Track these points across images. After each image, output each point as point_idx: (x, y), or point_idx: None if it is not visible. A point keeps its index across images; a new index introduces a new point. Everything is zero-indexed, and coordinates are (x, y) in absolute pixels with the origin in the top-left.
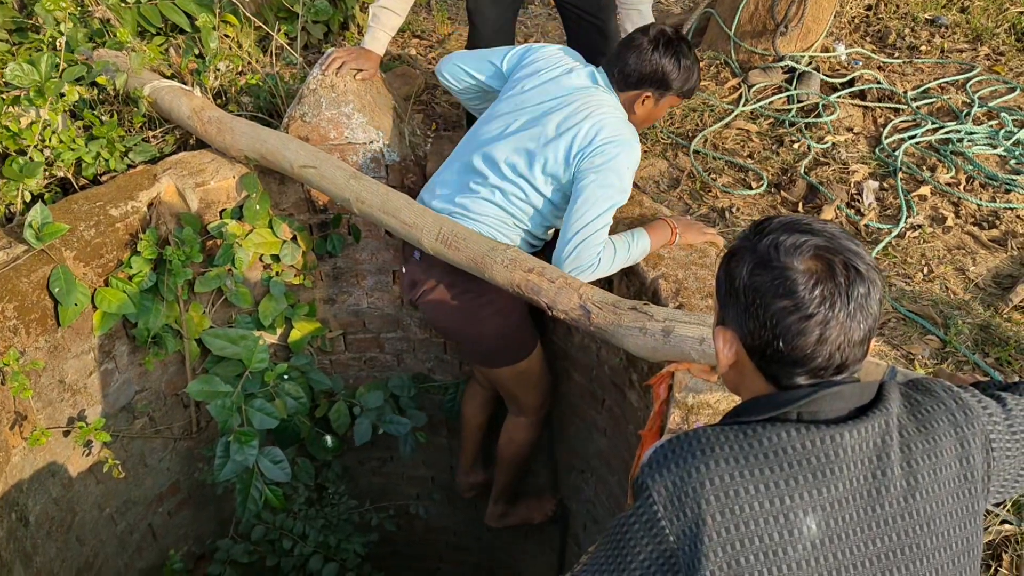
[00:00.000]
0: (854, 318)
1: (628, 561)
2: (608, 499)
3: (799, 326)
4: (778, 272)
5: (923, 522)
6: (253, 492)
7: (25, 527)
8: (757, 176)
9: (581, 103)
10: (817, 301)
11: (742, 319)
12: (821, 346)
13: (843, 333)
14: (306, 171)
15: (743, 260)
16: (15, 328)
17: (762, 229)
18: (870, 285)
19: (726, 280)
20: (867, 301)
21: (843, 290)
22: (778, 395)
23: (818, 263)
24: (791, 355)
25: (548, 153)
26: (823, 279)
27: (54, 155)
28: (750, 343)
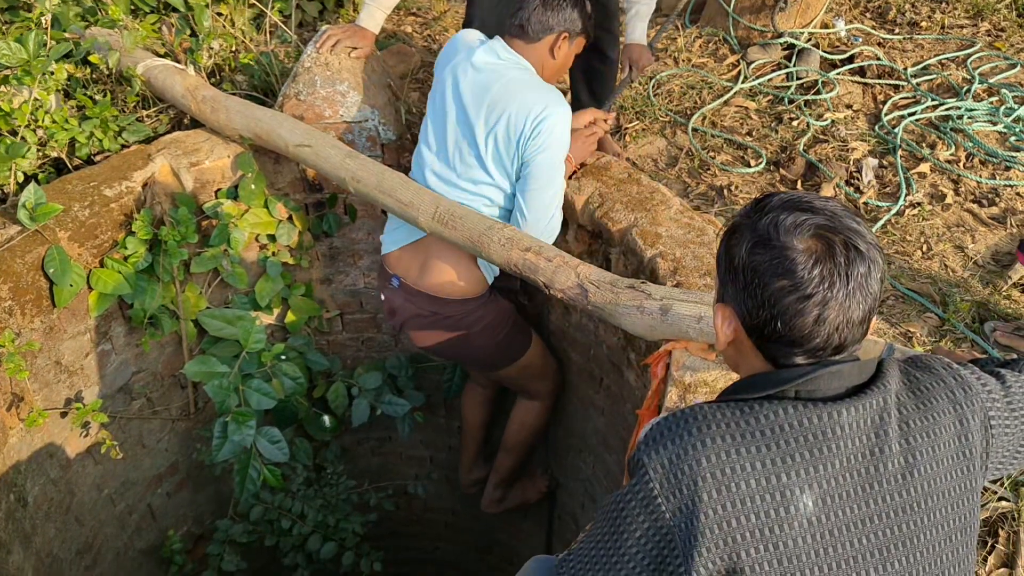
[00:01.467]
0: (853, 298)
1: (624, 538)
2: (606, 478)
3: (797, 306)
4: (777, 251)
5: (920, 499)
6: (251, 472)
7: (24, 508)
8: (756, 154)
9: (496, 91)
10: (816, 281)
11: (741, 297)
12: (819, 326)
13: (842, 313)
14: (301, 150)
15: (743, 238)
16: (10, 309)
17: (763, 207)
18: (871, 264)
19: (726, 257)
20: (867, 281)
21: (842, 270)
22: (776, 373)
23: (818, 242)
24: (789, 335)
25: (490, 156)
26: (822, 259)
27: (47, 135)
28: (748, 322)
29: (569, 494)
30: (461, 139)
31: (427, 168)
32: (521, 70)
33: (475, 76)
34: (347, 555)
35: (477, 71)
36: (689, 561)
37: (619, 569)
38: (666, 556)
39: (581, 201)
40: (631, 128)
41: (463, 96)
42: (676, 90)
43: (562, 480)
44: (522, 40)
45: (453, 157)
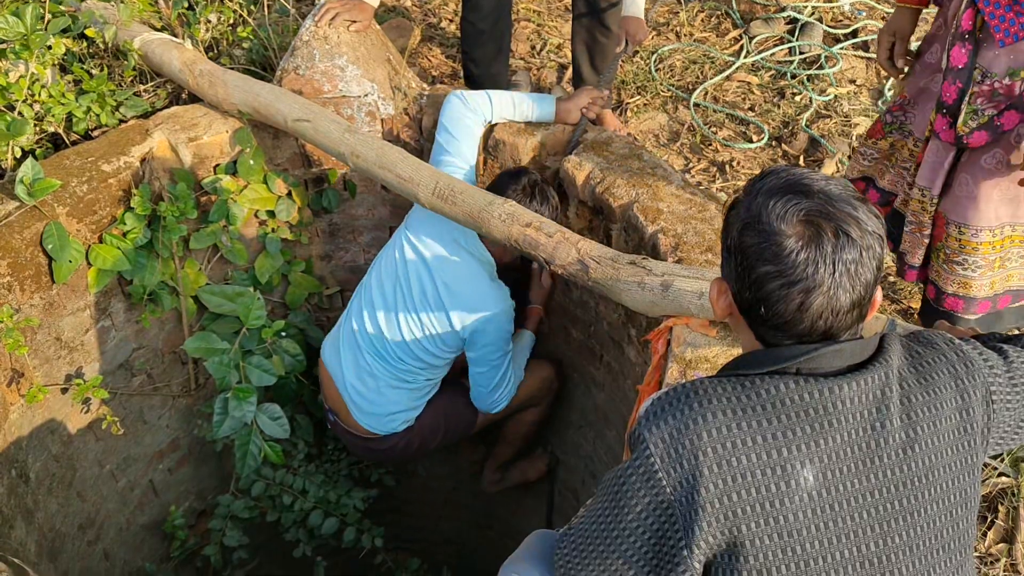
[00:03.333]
0: (840, 286)
1: (625, 512)
2: (606, 454)
3: (780, 292)
4: (765, 236)
5: (921, 474)
6: (252, 448)
7: (26, 483)
8: (758, 129)
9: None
10: (800, 268)
11: (733, 276)
12: (802, 313)
13: (827, 301)
14: (300, 125)
15: (737, 217)
16: (9, 285)
17: (761, 185)
18: (862, 251)
19: (724, 233)
20: (857, 268)
21: (829, 257)
22: (777, 350)
23: (807, 228)
24: (772, 320)
25: (429, 339)
26: (808, 245)
27: (44, 110)
28: (739, 301)
29: (569, 470)
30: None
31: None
32: (476, 264)
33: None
34: (348, 531)
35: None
36: (689, 535)
37: (619, 543)
38: (667, 530)
39: (582, 177)
40: (632, 103)
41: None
42: (678, 65)
43: (562, 456)
44: None
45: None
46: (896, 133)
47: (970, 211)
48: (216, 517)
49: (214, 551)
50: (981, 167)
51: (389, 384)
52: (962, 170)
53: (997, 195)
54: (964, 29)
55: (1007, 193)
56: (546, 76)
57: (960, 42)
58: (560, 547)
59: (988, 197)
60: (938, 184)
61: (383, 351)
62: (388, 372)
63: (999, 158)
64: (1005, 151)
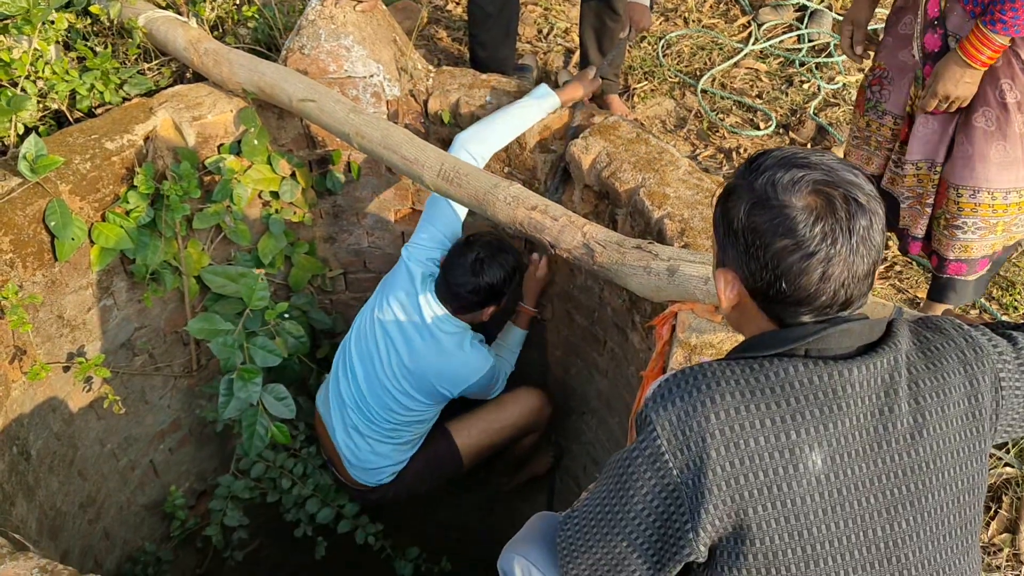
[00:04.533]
0: (857, 252)
1: (631, 495)
2: (608, 441)
3: (801, 265)
4: (777, 211)
5: (929, 460)
6: (259, 428)
7: (27, 461)
8: (765, 117)
9: (423, 370)
10: (819, 238)
11: (742, 260)
12: (825, 284)
13: (847, 268)
14: (305, 105)
15: (740, 199)
16: (12, 262)
17: (757, 166)
18: (872, 216)
19: (723, 220)
20: (869, 233)
21: (844, 224)
22: (786, 331)
23: (817, 198)
24: (795, 295)
25: (412, 401)
26: (823, 215)
27: (47, 86)
28: (752, 284)
29: (571, 457)
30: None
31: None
32: (451, 333)
33: (412, 342)
34: (343, 523)
35: (416, 345)
36: (696, 518)
37: (624, 526)
38: (672, 513)
39: (588, 161)
40: (639, 89)
41: (396, 359)
42: (686, 51)
43: (564, 443)
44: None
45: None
46: (872, 113)
47: (966, 172)
48: (217, 497)
49: (215, 531)
50: (974, 127)
51: (376, 440)
52: (959, 131)
53: (994, 156)
54: (932, 17)
55: (1006, 156)
56: (553, 60)
57: (931, 29)
58: (563, 529)
59: (983, 157)
60: (942, 152)
61: (367, 411)
62: (373, 430)
63: (989, 117)
64: (998, 111)
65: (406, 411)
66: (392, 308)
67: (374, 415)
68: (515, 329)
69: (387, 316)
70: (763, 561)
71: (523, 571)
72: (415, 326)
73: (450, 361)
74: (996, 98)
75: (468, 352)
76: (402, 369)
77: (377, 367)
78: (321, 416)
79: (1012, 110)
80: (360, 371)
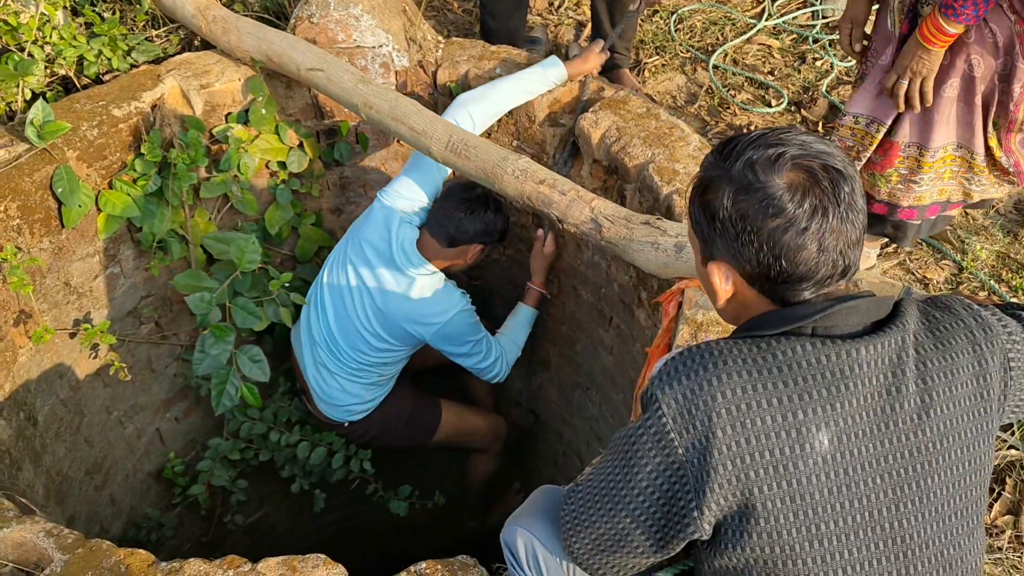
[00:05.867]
0: (847, 219)
1: (635, 472)
2: (613, 417)
3: (797, 241)
4: (762, 193)
5: (935, 440)
6: (229, 388)
7: (34, 426)
8: (777, 94)
9: (393, 307)
10: (809, 212)
11: (734, 249)
12: (823, 255)
13: (840, 237)
14: (313, 74)
15: (720, 190)
16: (19, 228)
17: (729, 152)
18: (852, 181)
19: (705, 214)
20: (853, 199)
21: (830, 195)
22: (792, 309)
23: (799, 173)
24: (796, 271)
25: (381, 341)
26: (809, 189)
27: (55, 52)
28: (750, 270)
29: (575, 432)
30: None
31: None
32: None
33: (387, 281)
34: (336, 457)
35: (388, 284)
36: (700, 497)
37: (628, 502)
38: (676, 491)
39: (597, 135)
40: (650, 63)
41: (368, 295)
42: (698, 26)
43: (568, 418)
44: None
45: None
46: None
47: (932, 134)
48: (205, 459)
49: (201, 490)
50: (940, 96)
51: (343, 377)
52: None
53: (954, 116)
54: (903, 33)
55: (965, 117)
56: (563, 33)
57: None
58: (567, 503)
59: (947, 119)
60: (889, 113)
61: (335, 349)
62: (341, 367)
63: (955, 85)
64: (966, 82)
65: (374, 352)
66: (364, 251)
67: (342, 354)
68: (523, 307)
69: (359, 258)
70: (767, 540)
71: (526, 544)
72: (388, 268)
73: (420, 301)
74: (966, 71)
75: (439, 292)
76: (373, 309)
77: (348, 307)
78: (294, 350)
79: (977, 83)
80: (331, 311)
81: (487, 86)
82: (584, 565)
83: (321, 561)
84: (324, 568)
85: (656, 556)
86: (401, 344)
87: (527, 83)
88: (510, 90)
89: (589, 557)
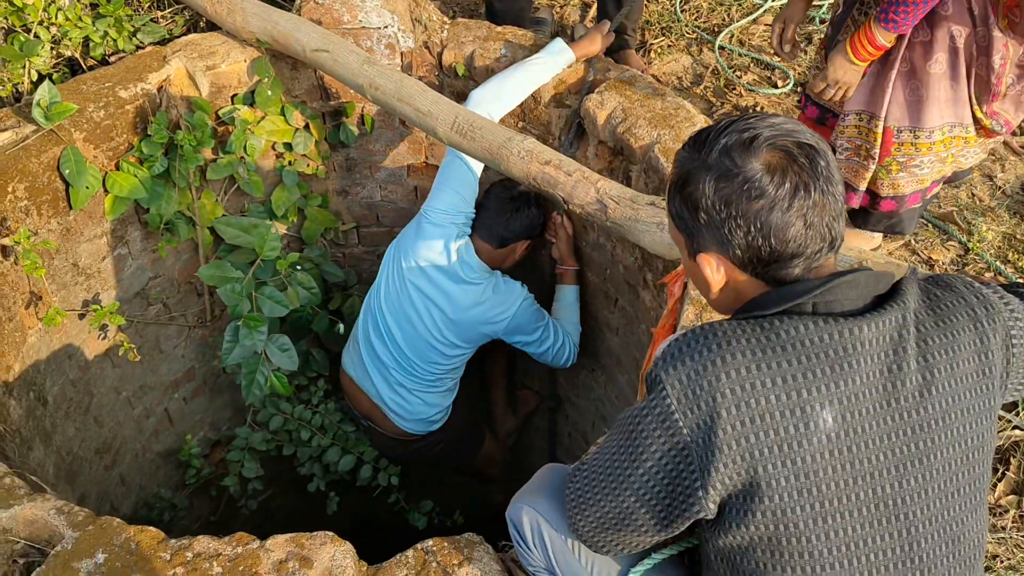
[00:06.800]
0: (828, 193)
1: (640, 452)
2: (617, 398)
3: (784, 219)
4: (742, 177)
5: (938, 417)
6: (259, 377)
7: (44, 406)
8: (783, 75)
9: (458, 314)
10: (791, 191)
11: (720, 236)
12: (810, 230)
13: (825, 211)
14: (319, 55)
15: (699, 180)
16: (27, 209)
17: (703, 143)
18: (825, 154)
19: (688, 207)
20: (830, 171)
21: (808, 171)
22: (791, 287)
23: (775, 153)
24: (786, 249)
25: (451, 348)
26: (787, 167)
27: (60, 33)
28: (740, 255)
29: (580, 412)
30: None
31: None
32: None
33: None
34: (365, 468)
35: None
36: (706, 476)
37: (632, 482)
38: (681, 471)
39: (603, 116)
40: (656, 44)
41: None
42: (704, 6)
43: (573, 398)
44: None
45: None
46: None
47: (923, 115)
48: (235, 449)
49: (233, 482)
50: (929, 73)
51: (424, 391)
52: (910, 77)
53: (943, 95)
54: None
55: (954, 95)
56: (569, 14)
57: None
58: (572, 481)
59: (936, 98)
60: (881, 104)
61: (411, 367)
62: (420, 383)
63: (941, 61)
64: (950, 55)
65: (448, 359)
66: (426, 271)
67: (418, 369)
68: (564, 288)
69: (421, 278)
70: (772, 517)
71: (531, 521)
72: (454, 282)
73: (488, 303)
74: (949, 44)
75: (502, 289)
76: (445, 322)
77: (418, 326)
78: (355, 379)
79: (961, 54)
80: (399, 333)
81: (497, 80)
82: (588, 542)
83: (329, 539)
84: (332, 545)
85: (660, 535)
86: (473, 345)
87: (537, 73)
88: (521, 81)
89: (594, 535)
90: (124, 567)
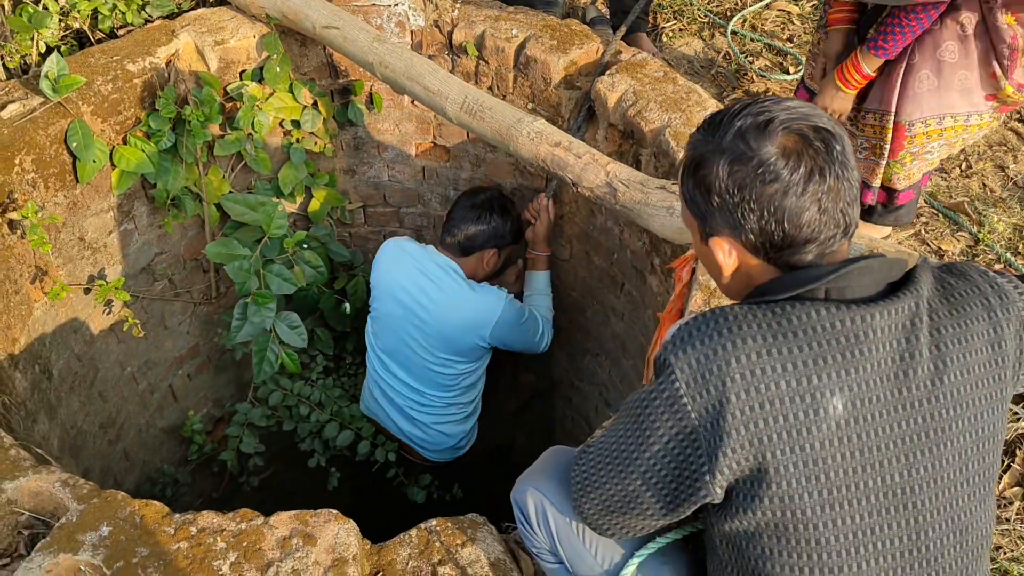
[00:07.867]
0: (843, 178)
1: (647, 436)
2: (622, 383)
3: (798, 204)
4: (756, 161)
5: (949, 406)
6: (269, 355)
7: (49, 380)
8: (795, 61)
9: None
10: (805, 175)
11: (733, 220)
12: (824, 215)
13: (839, 196)
14: (328, 32)
15: (713, 164)
16: (33, 182)
17: (717, 126)
18: (841, 138)
19: (701, 191)
20: (846, 156)
21: (824, 155)
22: (804, 272)
23: (790, 137)
24: (800, 235)
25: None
26: (803, 152)
27: (69, 5)
28: (753, 240)
29: (583, 397)
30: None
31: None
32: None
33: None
34: (363, 444)
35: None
36: (713, 461)
37: (639, 465)
38: (689, 455)
39: (613, 99)
40: (668, 28)
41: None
42: None
43: (577, 383)
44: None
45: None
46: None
47: (935, 103)
48: (234, 424)
49: (230, 456)
50: (940, 61)
51: (442, 422)
52: (920, 68)
53: (956, 84)
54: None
55: (965, 84)
56: None
57: None
58: (578, 464)
59: (950, 86)
60: (891, 101)
61: (422, 399)
62: (435, 415)
63: (952, 49)
64: (960, 43)
65: (453, 379)
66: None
67: (427, 400)
68: (535, 274)
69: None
70: (779, 503)
71: (536, 504)
72: (429, 286)
73: (469, 308)
74: (958, 32)
75: (480, 295)
76: (431, 340)
77: (412, 356)
78: (376, 418)
79: (971, 40)
80: (401, 371)
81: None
82: (594, 525)
83: (333, 516)
84: (336, 523)
85: (666, 518)
86: (472, 359)
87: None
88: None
89: (599, 518)
90: (128, 540)
